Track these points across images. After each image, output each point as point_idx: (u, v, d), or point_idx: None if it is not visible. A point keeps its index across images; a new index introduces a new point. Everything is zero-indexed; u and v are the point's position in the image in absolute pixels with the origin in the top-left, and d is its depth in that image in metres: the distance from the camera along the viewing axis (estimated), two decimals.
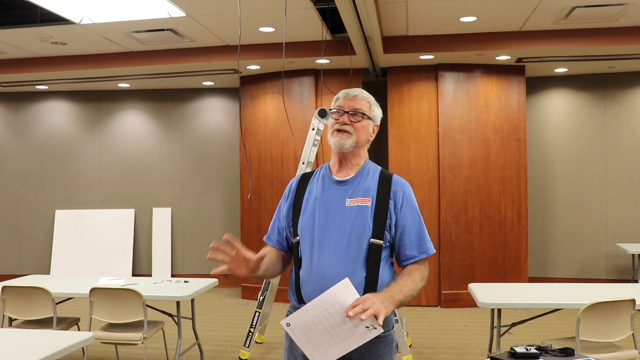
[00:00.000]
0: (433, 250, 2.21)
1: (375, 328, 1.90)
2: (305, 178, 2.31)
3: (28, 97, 8.96)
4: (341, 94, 2.26)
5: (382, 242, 2.11)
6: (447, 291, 7.12)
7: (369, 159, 2.31)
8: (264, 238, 2.36)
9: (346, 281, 1.93)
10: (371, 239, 2.10)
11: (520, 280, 7.09)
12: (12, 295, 4.41)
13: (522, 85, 7.25)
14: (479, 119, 7.17)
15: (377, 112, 2.29)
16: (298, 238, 2.19)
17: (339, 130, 2.19)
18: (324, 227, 2.13)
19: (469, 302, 6.31)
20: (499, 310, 4.06)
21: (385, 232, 2.12)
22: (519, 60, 6.94)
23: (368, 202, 2.14)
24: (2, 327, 4.44)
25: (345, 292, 1.92)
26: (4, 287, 4.42)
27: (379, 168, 2.28)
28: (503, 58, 6.85)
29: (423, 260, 2.19)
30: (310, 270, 2.12)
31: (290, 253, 2.29)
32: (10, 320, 4.55)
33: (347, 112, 2.20)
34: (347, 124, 2.19)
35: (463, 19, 5.85)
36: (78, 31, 5.93)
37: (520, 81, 7.25)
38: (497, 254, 7.14)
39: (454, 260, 7.13)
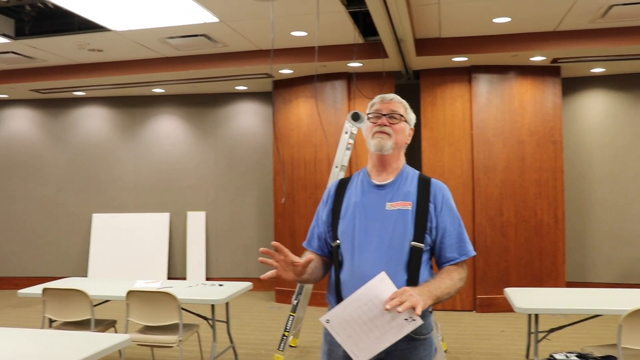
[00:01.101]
0: (473, 252, 2.23)
1: (414, 320, 1.91)
2: (343, 183, 2.34)
3: (66, 103, 9.16)
4: (377, 98, 2.30)
5: (423, 245, 2.13)
6: (482, 296, 7.03)
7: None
8: (304, 244, 2.38)
9: (382, 275, 1.95)
10: (412, 242, 2.12)
11: (557, 285, 6.96)
12: (52, 297, 4.50)
13: (558, 86, 7.13)
14: (514, 121, 7.07)
15: (412, 116, 2.33)
16: (338, 242, 2.21)
17: (378, 132, 2.21)
18: (365, 231, 2.15)
19: (505, 306, 6.22)
20: (536, 315, 3.99)
21: (426, 235, 2.14)
22: (555, 60, 6.82)
23: (409, 206, 2.16)
24: (42, 328, 4.53)
25: (382, 285, 1.94)
26: (44, 289, 4.51)
27: (417, 172, 2.30)
28: (538, 59, 6.74)
29: (462, 262, 2.21)
30: (352, 274, 2.13)
31: (331, 258, 2.31)
32: (50, 321, 4.66)
33: (385, 115, 2.23)
34: (386, 126, 2.21)
35: (496, 20, 5.78)
36: (114, 38, 6.04)
37: (556, 82, 7.13)
38: (533, 257, 7.02)
39: (489, 264, 7.04)
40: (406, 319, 1.91)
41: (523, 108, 7.08)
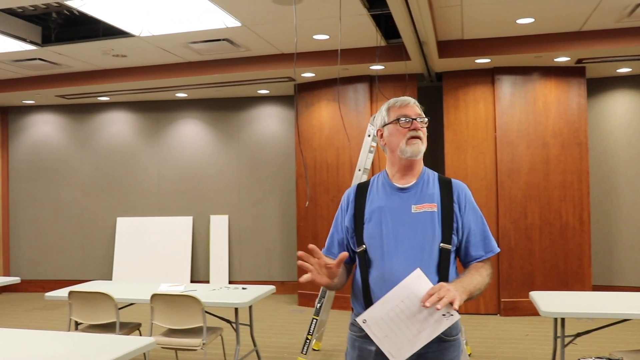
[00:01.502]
0: (498, 249, 2.25)
1: (452, 315, 1.92)
2: (362, 188, 2.31)
3: (90, 108, 9.28)
4: (398, 102, 2.26)
5: (450, 246, 2.14)
6: (506, 299, 6.96)
7: (425, 165, 2.33)
8: (323, 251, 2.34)
9: (418, 272, 1.96)
10: (441, 244, 2.13)
11: (583, 288, 6.86)
12: (77, 300, 4.56)
13: (583, 87, 7.04)
14: (538, 123, 6.99)
15: None
16: (364, 247, 2.20)
17: (414, 138, 2.20)
18: (394, 235, 2.15)
19: (530, 310, 6.15)
20: (562, 319, 3.93)
21: (453, 236, 2.16)
22: (579, 61, 6.74)
23: (434, 208, 2.17)
24: (69, 330, 4.59)
25: (418, 282, 1.95)
26: (70, 292, 4.57)
27: (436, 173, 2.30)
28: (562, 59, 6.66)
29: (487, 259, 2.23)
30: (383, 278, 2.12)
31: (351, 264, 2.30)
32: (76, 324, 4.71)
33: (415, 119, 2.21)
34: (419, 130, 2.21)
35: (520, 21, 5.73)
36: (137, 43, 6.11)
37: (581, 83, 7.03)
38: (558, 261, 6.93)
39: (514, 267, 6.96)
40: (444, 315, 1.92)
41: (547, 109, 7.00)
